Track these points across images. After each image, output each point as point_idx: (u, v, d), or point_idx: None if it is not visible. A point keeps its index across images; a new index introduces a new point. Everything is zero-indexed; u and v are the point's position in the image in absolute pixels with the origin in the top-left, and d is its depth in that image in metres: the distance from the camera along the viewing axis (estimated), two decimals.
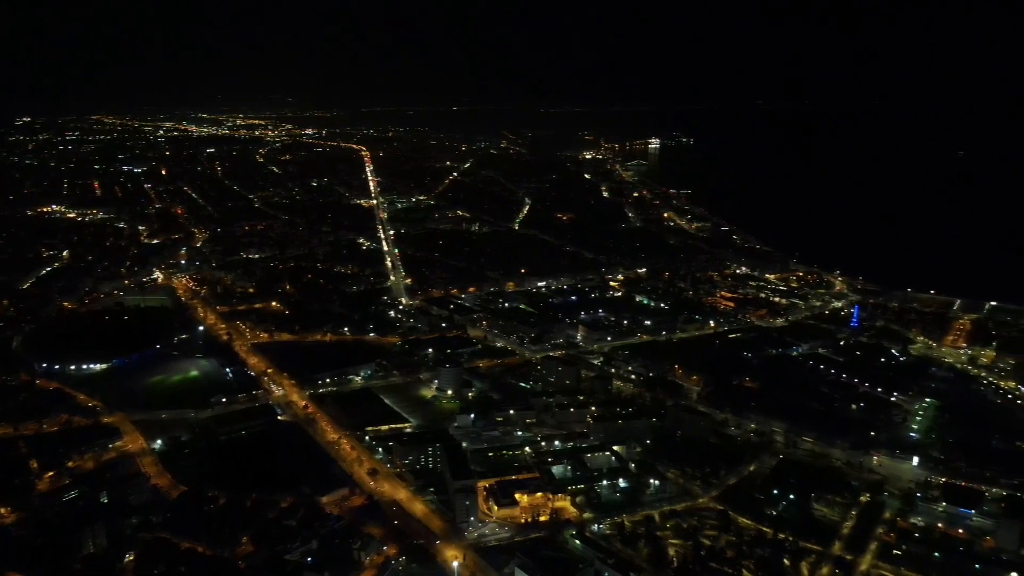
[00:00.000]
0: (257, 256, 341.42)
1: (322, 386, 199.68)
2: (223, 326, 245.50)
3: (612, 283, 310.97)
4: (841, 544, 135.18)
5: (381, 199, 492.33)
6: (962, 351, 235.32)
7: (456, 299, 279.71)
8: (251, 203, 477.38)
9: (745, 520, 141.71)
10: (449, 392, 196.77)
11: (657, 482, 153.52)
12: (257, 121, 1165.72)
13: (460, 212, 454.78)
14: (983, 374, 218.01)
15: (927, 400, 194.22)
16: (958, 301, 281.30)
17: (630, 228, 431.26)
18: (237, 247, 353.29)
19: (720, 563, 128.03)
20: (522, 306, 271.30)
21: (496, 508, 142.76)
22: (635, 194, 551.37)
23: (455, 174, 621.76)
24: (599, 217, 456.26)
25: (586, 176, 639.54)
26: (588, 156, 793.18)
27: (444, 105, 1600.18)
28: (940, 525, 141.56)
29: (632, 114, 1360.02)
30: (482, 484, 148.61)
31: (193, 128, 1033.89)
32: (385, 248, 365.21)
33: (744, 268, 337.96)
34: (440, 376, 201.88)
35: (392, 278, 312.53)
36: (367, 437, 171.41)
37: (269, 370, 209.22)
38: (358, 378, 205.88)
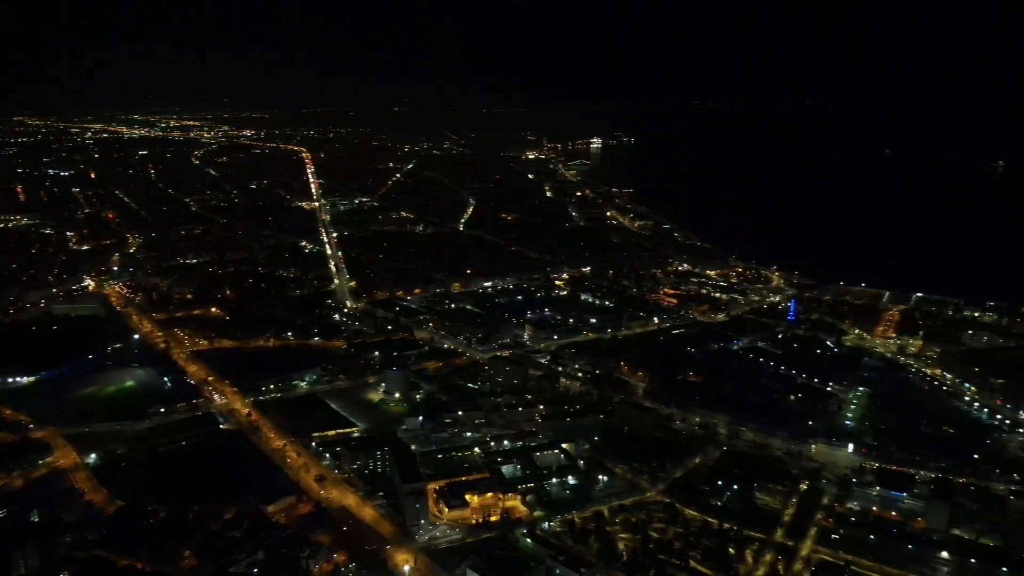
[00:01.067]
0: (195, 261, 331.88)
1: (266, 393, 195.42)
2: (160, 334, 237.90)
3: (557, 282, 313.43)
4: (783, 531, 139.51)
5: (323, 201, 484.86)
6: (892, 341, 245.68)
7: (402, 301, 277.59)
8: (187, 206, 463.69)
9: (691, 511, 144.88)
10: (397, 395, 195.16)
11: (606, 478, 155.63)
12: (192, 122, 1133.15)
13: (404, 213, 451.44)
14: (911, 363, 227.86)
15: (860, 389, 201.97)
16: (887, 293, 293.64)
17: (574, 227, 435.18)
18: (173, 252, 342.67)
19: (668, 555, 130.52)
20: (468, 307, 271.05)
21: (447, 510, 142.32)
22: (578, 193, 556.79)
23: (398, 175, 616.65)
24: (543, 216, 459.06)
25: (530, 176, 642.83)
26: (531, 156, 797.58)
27: (386, 106, 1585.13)
28: (874, 508, 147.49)
29: (574, 114, 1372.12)
30: (432, 486, 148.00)
31: (124, 129, 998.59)
32: (328, 251, 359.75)
33: (686, 265, 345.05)
34: (387, 379, 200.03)
35: (336, 281, 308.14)
36: (314, 443, 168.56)
37: (210, 378, 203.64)
38: (303, 383, 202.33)
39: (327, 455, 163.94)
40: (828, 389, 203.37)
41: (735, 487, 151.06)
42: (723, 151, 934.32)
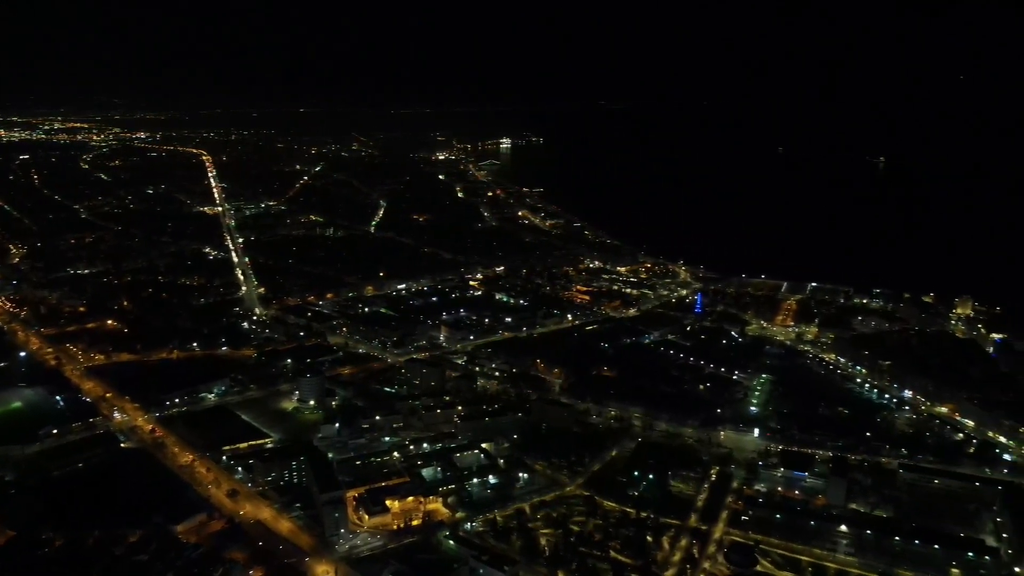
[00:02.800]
0: (87, 271, 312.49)
1: (171, 407, 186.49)
2: (50, 350, 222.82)
3: (472, 282, 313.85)
4: (696, 516, 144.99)
5: (227, 206, 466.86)
6: (790, 329, 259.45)
7: (313, 306, 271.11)
8: (77, 214, 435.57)
9: (610, 503, 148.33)
10: (311, 402, 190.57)
11: (526, 475, 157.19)
12: (79, 124, 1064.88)
13: (313, 217, 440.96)
14: (808, 349, 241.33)
15: (763, 376, 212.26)
16: (785, 284, 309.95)
17: (486, 227, 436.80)
18: (62, 262, 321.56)
19: (589, 547, 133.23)
20: (383, 310, 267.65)
21: (367, 517, 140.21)
22: (489, 193, 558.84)
23: (306, 178, 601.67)
24: (455, 217, 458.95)
25: (440, 177, 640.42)
26: (441, 157, 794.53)
27: (290, 106, 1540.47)
28: (780, 489, 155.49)
29: (482, 114, 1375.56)
30: (351, 494, 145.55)
31: (1, 132, 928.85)
32: (234, 257, 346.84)
33: (597, 262, 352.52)
34: (301, 387, 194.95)
35: (244, 288, 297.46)
36: (224, 457, 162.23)
37: (108, 395, 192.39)
38: (211, 395, 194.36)
39: (240, 468, 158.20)
40: (734, 377, 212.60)
41: (651, 477, 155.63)
42: (629, 150, 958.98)
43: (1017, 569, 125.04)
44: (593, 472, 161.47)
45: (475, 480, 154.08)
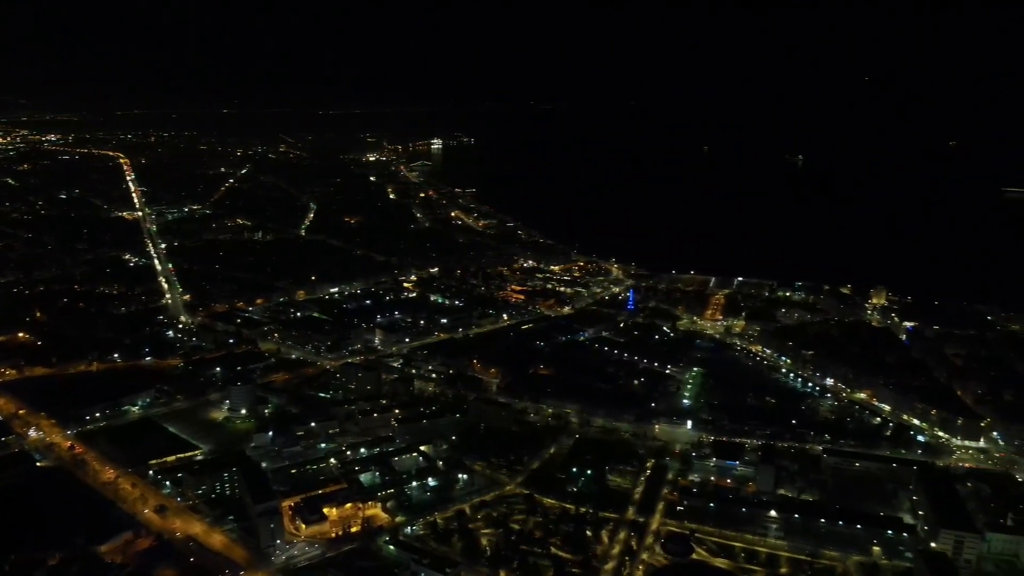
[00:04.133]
0: None
1: (91, 422, 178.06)
2: None
3: (406, 284, 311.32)
4: (634, 509, 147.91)
5: (148, 210, 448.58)
6: (719, 323, 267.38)
7: (243, 312, 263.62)
8: None
9: (550, 500, 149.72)
10: (243, 411, 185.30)
11: (465, 476, 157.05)
12: None
13: (240, 220, 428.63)
14: (736, 341, 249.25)
15: (695, 369, 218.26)
16: (713, 279, 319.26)
17: (419, 228, 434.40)
18: None
19: (530, 544, 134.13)
20: (315, 314, 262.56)
21: (304, 526, 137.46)
22: (422, 194, 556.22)
23: (231, 180, 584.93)
24: (388, 219, 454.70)
25: (371, 178, 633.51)
26: (372, 158, 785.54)
27: (213, 107, 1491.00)
28: (713, 478, 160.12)
29: (412, 115, 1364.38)
30: (287, 503, 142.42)
31: None
32: (157, 263, 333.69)
33: (531, 261, 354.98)
34: (231, 395, 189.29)
35: (168, 295, 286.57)
36: (151, 472, 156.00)
37: (21, 411, 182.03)
38: (135, 408, 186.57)
39: (168, 483, 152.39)
40: (667, 372, 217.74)
41: (588, 472, 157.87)
42: (560, 150, 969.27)
43: (933, 544, 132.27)
44: (532, 470, 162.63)
45: (414, 483, 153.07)
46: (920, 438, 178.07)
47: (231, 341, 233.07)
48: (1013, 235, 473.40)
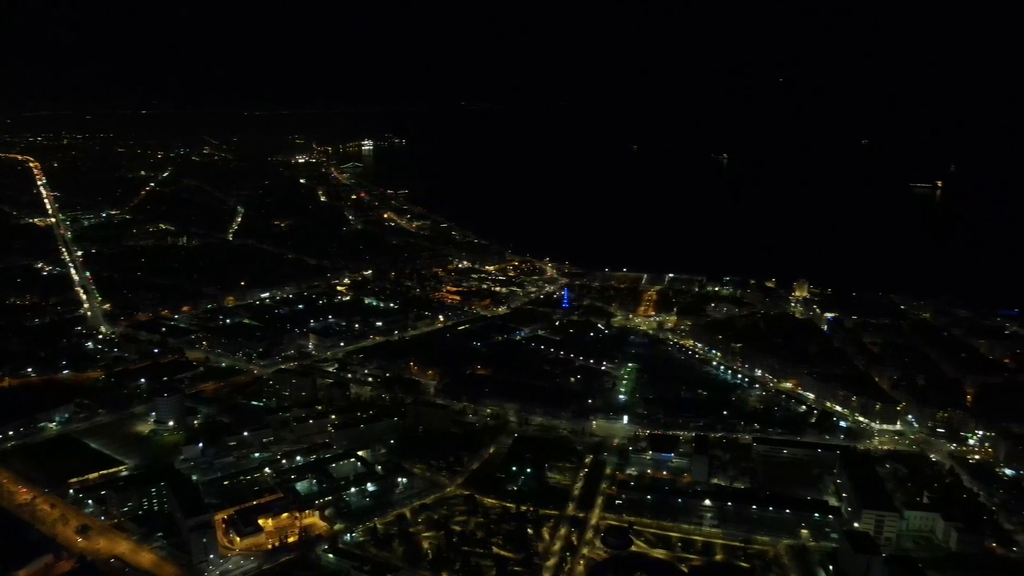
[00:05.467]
0: None
1: (5, 440, 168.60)
2: None
3: (339, 287, 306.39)
4: (574, 504, 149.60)
5: (62, 216, 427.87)
6: (652, 319, 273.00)
7: (168, 321, 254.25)
8: None
9: (490, 500, 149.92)
10: (170, 423, 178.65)
11: (405, 480, 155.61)
12: None
13: (164, 225, 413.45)
14: (669, 336, 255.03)
15: (629, 365, 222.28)
16: (645, 276, 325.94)
17: (351, 231, 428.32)
18: None
19: (471, 545, 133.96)
20: (246, 320, 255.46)
21: (239, 539, 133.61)
22: (353, 196, 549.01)
23: (152, 184, 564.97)
24: (319, 222, 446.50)
25: (301, 181, 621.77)
26: (301, 160, 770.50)
27: (131, 108, 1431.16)
28: (649, 471, 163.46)
29: (342, 116, 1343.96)
30: (220, 516, 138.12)
31: None
32: (73, 272, 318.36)
33: (466, 262, 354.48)
34: (157, 407, 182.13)
35: (87, 305, 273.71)
36: (72, 491, 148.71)
37: None
38: (52, 424, 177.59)
39: (90, 501, 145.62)
40: (603, 368, 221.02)
41: (528, 470, 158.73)
42: (491, 150, 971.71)
43: (856, 524, 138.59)
44: (472, 471, 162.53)
45: (352, 489, 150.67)
46: (842, 424, 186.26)
47: (156, 351, 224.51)
48: (921, 227, 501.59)
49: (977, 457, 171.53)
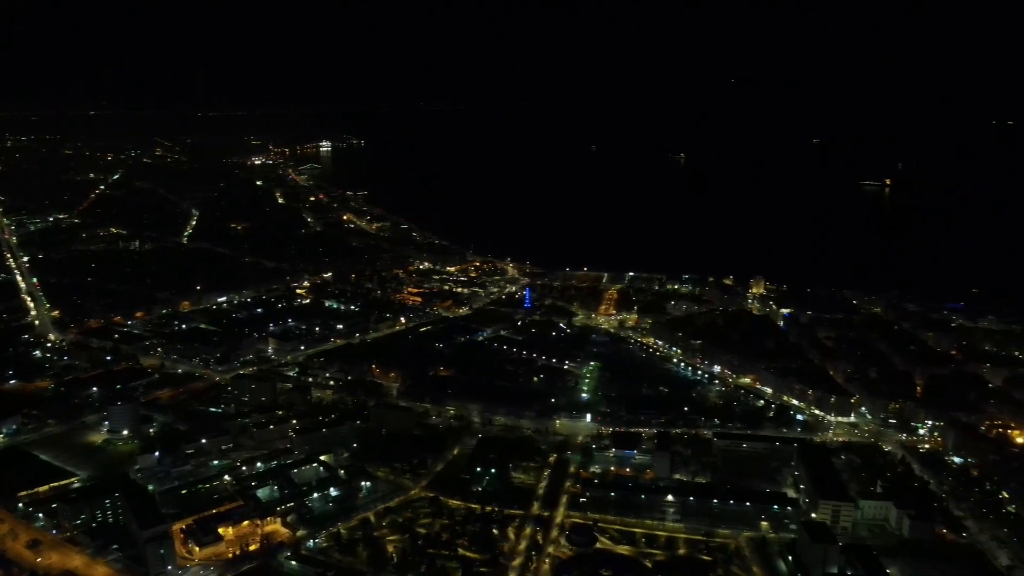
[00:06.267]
0: None
1: None
2: None
3: (299, 290, 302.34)
4: (538, 504, 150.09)
5: (6, 220, 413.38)
6: (613, 317, 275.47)
7: (121, 327, 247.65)
8: None
9: (455, 501, 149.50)
10: (124, 432, 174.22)
11: (368, 484, 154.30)
12: None
13: (115, 229, 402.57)
14: (630, 334, 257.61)
15: (591, 363, 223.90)
16: (606, 275, 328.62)
17: (310, 233, 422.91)
18: None
19: (437, 547, 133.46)
20: (202, 325, 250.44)
21: (198, 549, 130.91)
22: (312, 198, 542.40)
23: (102, 187, 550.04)
24: (277, 224, 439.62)
25: (258, 183, 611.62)
26: (257, 161, 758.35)
27: (79, 109, 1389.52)
28: (613, 468, 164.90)
29: (298, 117, 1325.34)
30: (178, 526, 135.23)
31: None
32: (19, 278, 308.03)
33: (427, 263, 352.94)
34: (110, 416, 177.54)
35: (34, 312, 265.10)
36: (21, 504, 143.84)
37: None
38: None
39: (41, 515, 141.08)
40: (565, 367, 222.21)
41: (492, 471, 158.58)
42: (450, 151, 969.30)
43: (813, 515, 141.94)
44: (436, 472, 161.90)
45: (315, 495, 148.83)
46: (799, 417, 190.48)
47: (108, 358, 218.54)
48: (870, 224, 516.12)
49: (927, 446, 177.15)
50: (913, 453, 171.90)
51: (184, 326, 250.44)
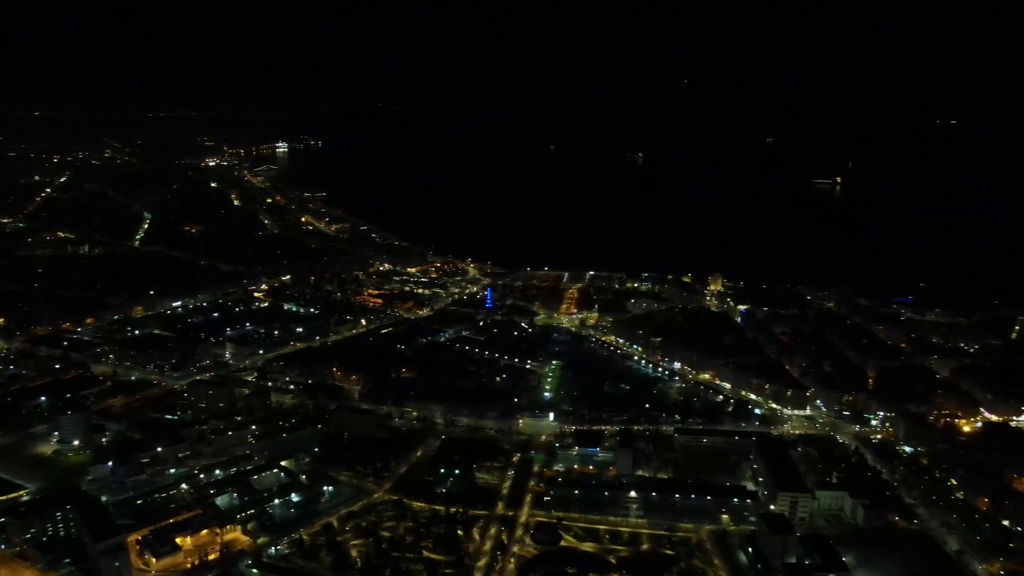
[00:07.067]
0: None
1: None
2: None
3: (256, 294, 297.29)
4: (503, 503, 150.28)
5: None
6: (574, 316, 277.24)
7: (70, 334, 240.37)
8: None
9: (419, 504, 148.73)
10: (75, 442, 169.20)
11: (331, 488, 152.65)
12: None
13: (63, 233, 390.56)
14: (591, 333, 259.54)
15: (553, 362, 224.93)
16: (566, 274, 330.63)
17: (268, 235, 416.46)
18: None
19: (401, 551, 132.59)
20: (156, 331, 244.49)
21: (155, 560, 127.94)
22: (269, 200, 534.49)
23: (48, 190, 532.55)
24: (233, 227, 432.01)
25: (213, 184, 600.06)
26: (212, 163, 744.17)
27: (22, 109, 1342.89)
28: (576, 466, 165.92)
29: (253, 117, 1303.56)
30: (133, 537, 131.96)
31: None
32: None
33: (387, 264, 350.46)
34: (60, 426, 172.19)
35: None
36: None
37: None
38: None
39: None
40: (527, 367, 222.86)
41: (456, 472, 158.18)
42: (409, 151, 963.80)
43: (772, 507, 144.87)
44: (400, 475, 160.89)
45: (276, 501, 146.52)
46: (757, 411, 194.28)
47: (57, 367, 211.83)
48: (822, 221, 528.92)
49: (879, 437, 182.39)
50: (866, 444, 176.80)
51: (137, 332, 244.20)
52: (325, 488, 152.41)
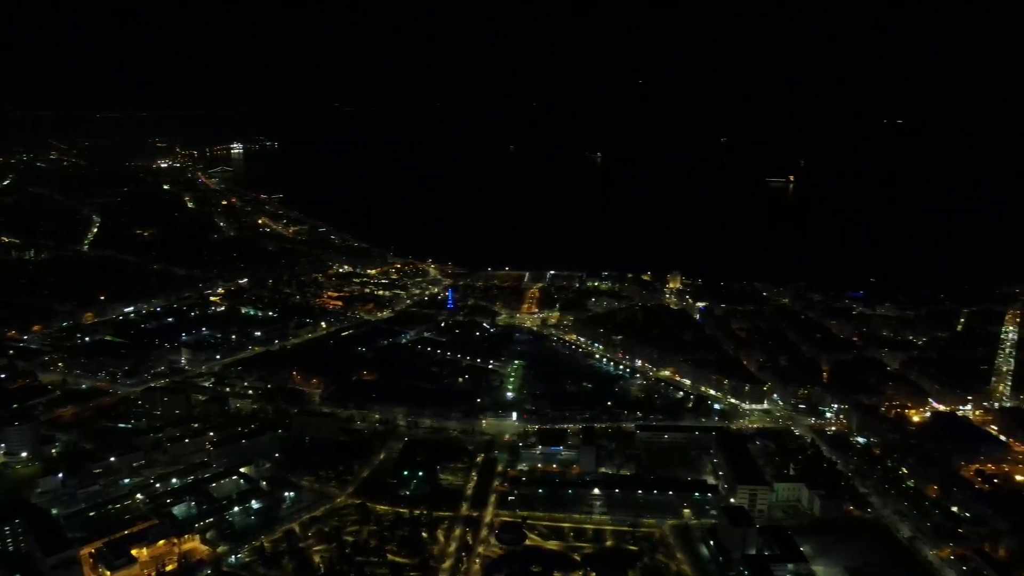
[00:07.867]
0: None
1: None
2: None
3: (213, 298, 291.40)
4: (467, 504, 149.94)
5: None
6: (535, 315, 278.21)
7: (16, 342, 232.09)
8: None
9: (383, 507, 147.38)
10: (23, 454, 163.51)
11: (292, 494, 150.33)
12: None
13: (6, 238, 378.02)
14: (553, 332, 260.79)
15: (516, 362, 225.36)
16: (527, 274, 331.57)
17: (224, 238, 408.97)
18: None
19: (365, 555, 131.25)
20: (108, 337, 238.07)
21: (109, 573, 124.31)
22: (224, 202, 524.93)
23: None
24: (187, 230, 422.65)
25: (165, 187, 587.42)
26: (164, 165, 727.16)
27: None
28: (540, 465, 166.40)
29: (206, 117, 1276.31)
30: (86, 550, 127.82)
31: None
32: None
33: (346, 266, 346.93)
34: (7, 438, 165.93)
35: None
36: None
37: None
38: None
39: None
40: (490, 367, 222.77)
41: (420, 474, 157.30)
42: (367, 152, 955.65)
43: (732, 500, 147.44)
44: (363, 478, 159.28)
45: (236, 508, 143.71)
46: (717, 406, 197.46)
47: (3, 376, 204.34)
48: (776, 219, 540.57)
49: (834, 428, 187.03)
50: (821, 436, 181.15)
51: (87, 339, 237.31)
52: (286, 494, 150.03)
